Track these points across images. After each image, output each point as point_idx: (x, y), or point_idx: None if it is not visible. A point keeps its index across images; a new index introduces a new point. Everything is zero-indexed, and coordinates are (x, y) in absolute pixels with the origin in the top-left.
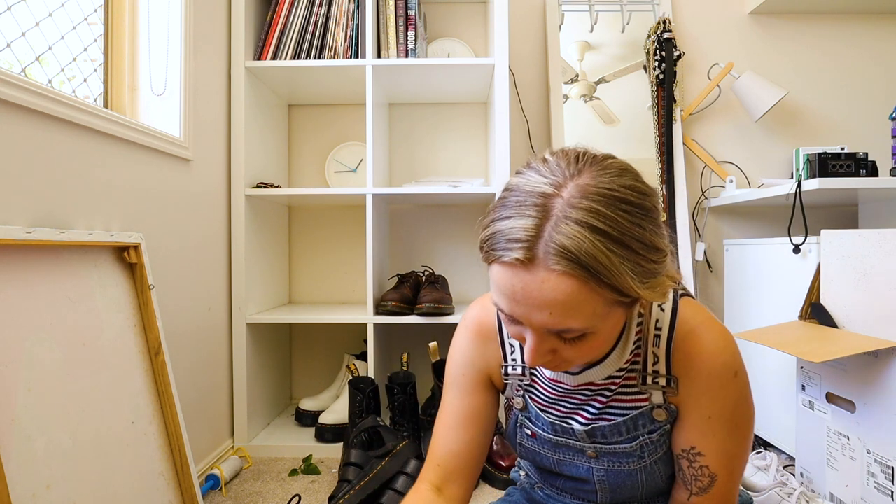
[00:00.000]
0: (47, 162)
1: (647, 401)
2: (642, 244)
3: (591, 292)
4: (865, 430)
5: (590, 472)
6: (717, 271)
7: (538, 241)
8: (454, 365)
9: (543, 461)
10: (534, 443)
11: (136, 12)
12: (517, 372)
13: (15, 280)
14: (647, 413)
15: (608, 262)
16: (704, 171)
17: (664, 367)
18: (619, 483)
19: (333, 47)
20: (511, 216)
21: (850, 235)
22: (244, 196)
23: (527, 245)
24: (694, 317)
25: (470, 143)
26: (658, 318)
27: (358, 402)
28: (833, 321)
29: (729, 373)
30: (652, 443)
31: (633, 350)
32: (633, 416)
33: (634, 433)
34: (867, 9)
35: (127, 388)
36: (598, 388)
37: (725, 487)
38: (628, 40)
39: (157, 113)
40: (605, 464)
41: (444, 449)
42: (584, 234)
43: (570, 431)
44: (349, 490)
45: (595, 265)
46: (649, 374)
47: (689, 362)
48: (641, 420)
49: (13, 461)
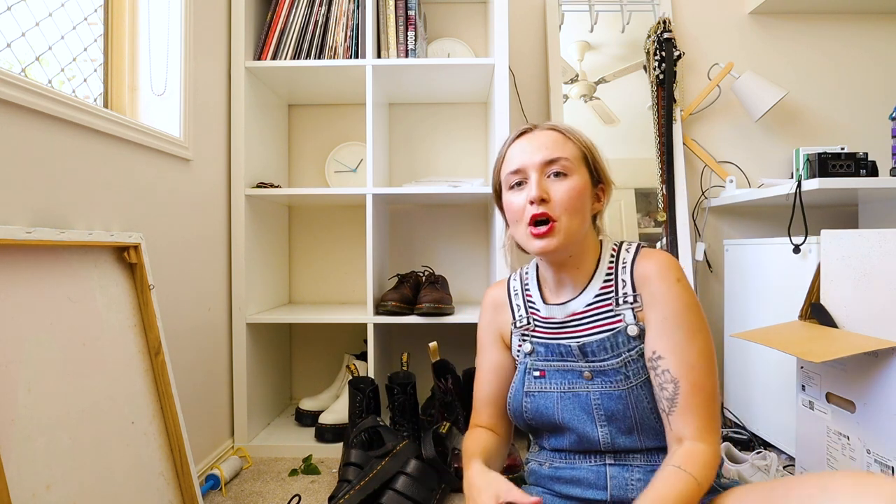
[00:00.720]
0: (47, 162)
1: (621, 321)
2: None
3: (567, 139)
4: (865, 430)
5: (588, 401)
6: (717, 271)
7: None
8: (480, 332)
9: (548, 405)
10: (542, 382)
11: (136, 12)
12: (523, 323)
13: (15, 280)
14: (622, 331)
15: (574, 131)
16: (704, 171)
17: (630, 288)
18: (612, 408)
19: (333, 47)
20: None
21: (850, 235)
22: (244, 196)
23: (530, 125)
24: (649, 251)
25: (470, 143)
26: (624, 257)
27: (358, 402)
28: (833, 321)
29: (672, 277)
30: (633, 361)
31: (606, 281)
32: (613, 333)
33: (617, 350)
34: (867, 9)
35: (127, 388)
36: (580, 315)
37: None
38: (628, 40)
39: (157, 113)
40: (598, 385)
41: (486, 392)
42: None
43: (568, 349)
44: (349, 490)
45: (568, 129)
46: (620, 296)
47: (643, 276)
48: (621, 337)
49: (13, 461)
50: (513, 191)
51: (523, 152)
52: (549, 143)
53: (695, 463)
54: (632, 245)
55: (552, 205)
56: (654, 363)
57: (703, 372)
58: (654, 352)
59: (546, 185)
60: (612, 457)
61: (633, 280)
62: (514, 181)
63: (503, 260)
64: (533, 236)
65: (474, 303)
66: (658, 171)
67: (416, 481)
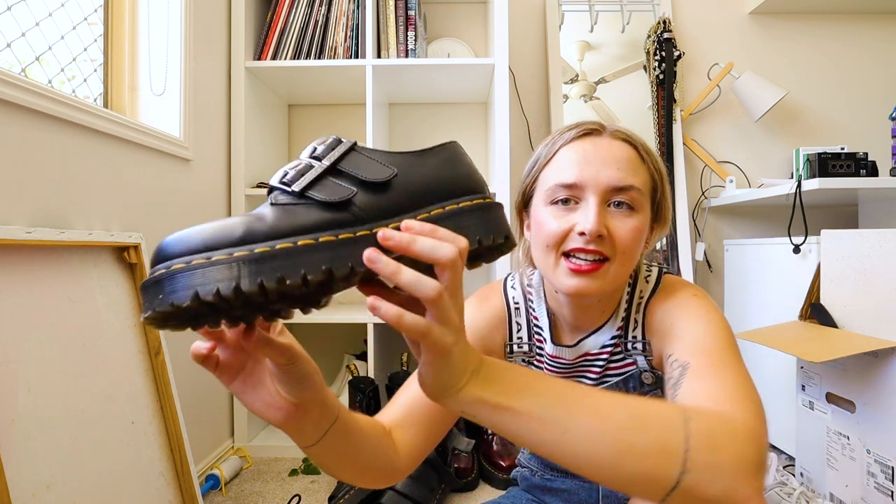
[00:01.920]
0: (47, 162)
1: (633, 365)
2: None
3: (642, 162)
4: (865, 430)
5: None
6: (717, 271)
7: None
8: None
9: None
10: None
11: (136, 12)
12: (523, 349)
13: (15, 280)
14: (636, 376)
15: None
16: (704, 171)
17: (640, 332)
18: None
19: (333, 47)
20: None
21: (850, 235)
22: (244, 196)
23: (595, 125)
24: (668, 281)
25: (470, 143)
26: (642, 289)
27: (358, 402)
28: (833, 321)
29: (687, 293)
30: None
31: (623, 318)
32: (624, 379)
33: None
34: (867, 9)
35: (127, 388)
36: (593, 358)
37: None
38: (628, 40)
39: (157, 113)
40: None
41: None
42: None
43: None
44: (349, 490)
45: (644, 146)
46: (629, 339)
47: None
48: (632, 382)
49: (13, 461)
50: (555, 207)
51: (586, 163)
52: (623, 161)
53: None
54: (651, 273)
55: (607, 244)
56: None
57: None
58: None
59: (606, 218)
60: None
61: (644, 322)
62: (561, 196)
63: (503, 259)
64: (571, 272)
65: None
66: None
67: (416, 481)
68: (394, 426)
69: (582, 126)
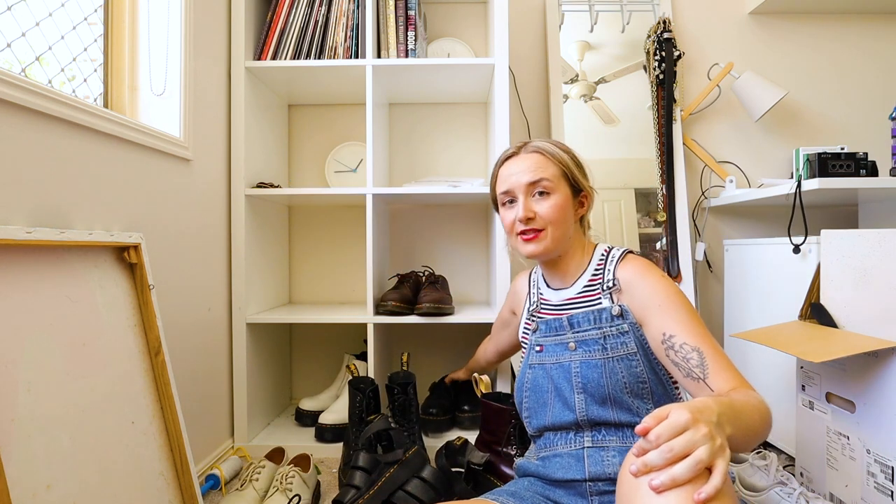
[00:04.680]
0: (47, 162)
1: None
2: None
3: (548, 161)
4: (865, 430)
5: (569, 370)
6: (717, 271)
7: (521, 147)
8: (506, 300)
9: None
10: (540, 356)
11: (136, 12)
12: (534, 306)
13: (15, 280)
14: (607, 309)
15: (554, 150)
16: (704, 171)
17: (612, 277)
18: (589, 376)
19: (333, 47)
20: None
21: (850, 235)
22: (244, 196)
23: (516, 148)
24: (633, 255)
25: (470, 143)
26: (613, 255)
27: (358, 402)
28: (833, 321)
29: (656, 274)
30: (612, 336)
31: (595, 274)
32: (597, 309)
33: (598, 323)
34: (867, 9)
35: (127, 388)
36: (573, 300)
37: (720, 362)
38: (628, 40)
39: (157, 113)
40: (580, 355)
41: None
42: (541, 143)
43: (560, 322)
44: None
45: (550, 150)
46: (605, 282)
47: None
48: (604, 314)
49: (13, 461)
50: (505, 207)
51: (511, 175)
52: (533, 165)
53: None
54: (621, 249)
55: (538, 219)
56: (668, 342)
57: (708, 337)
58: (663, 333)
59: (531, 205)
60: (590, 438)
61: (615, 275)
62: (505, 199)
63: (503, 260)
64: (523, 241)
65: (474, 303)
66: (658, 171)
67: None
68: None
69: (508, 151)
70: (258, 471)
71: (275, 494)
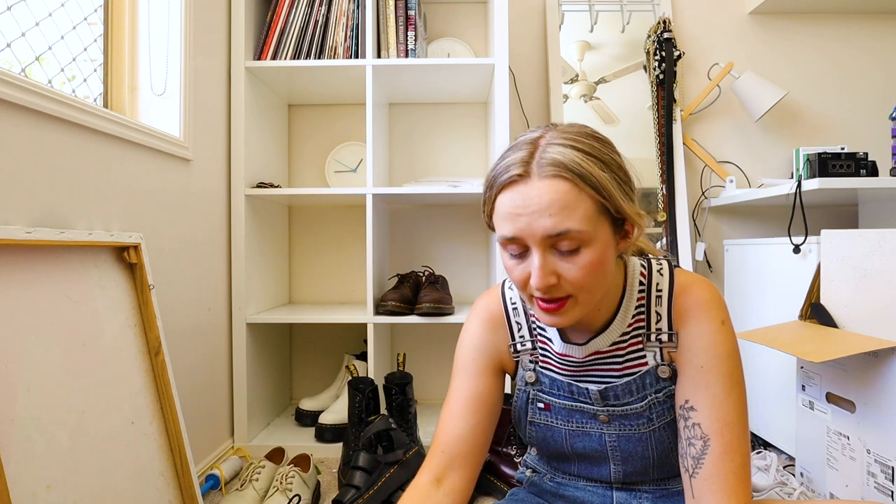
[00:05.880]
0: (47, 162)
1: (646, 364)
2: (615, 162)
3: (580, 192)
4: (865, 430)
5: (602, 441)
6: (717, 271)
7: (531, 161)
8: (465, 350)
9: (555, 437)
10: (547, 416)
11: (136, 12)
12: (526, 347)
13: (15, 280)
14: (652, 371)
15: (589, 167)
16: (704, 171)
17: (666, 324)
18: (630, 450)
19: (333, 47)
20: (507, 155)
21: (850, 235)
22: (244, 196)
23: (522, 165)
24: (687, 277)
25: (470, 143)
26: (658, 282)
27: (357, 402)
28: (833, 321)
29: (717, 320)
30: (659, 403)
31: (636, 315)
32: (640, 375)
33: (643, 392)
34: (867, 9)
35: (127, 387)
36: (605, 355)
37: (722, 466)
38: (628, 40)
39: (157, 113)
40: (616, 428)
41: (449, 434)
42: (566, 150)
43: (585, 393)
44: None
45: (579, 169)
46: (653, 331)
47: (684, 312)
48: (649, 378)
49: (13, 461)
50: (509, 251)
51: (518, 214)
52: (554, 205)
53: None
54: (663, 266)
55: (562, 285)
56: (685, 413)
57: (737, 431)
58: (686, 401)
59: (553, 264)
60: (624, 494)
61: (670, 315)
62: (509, 245)
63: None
64: (542, 310)
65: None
66: (658, 171)
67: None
68: (447, 477)
69: (511, 172)
70: (258, 471)
71: (275, 494)
